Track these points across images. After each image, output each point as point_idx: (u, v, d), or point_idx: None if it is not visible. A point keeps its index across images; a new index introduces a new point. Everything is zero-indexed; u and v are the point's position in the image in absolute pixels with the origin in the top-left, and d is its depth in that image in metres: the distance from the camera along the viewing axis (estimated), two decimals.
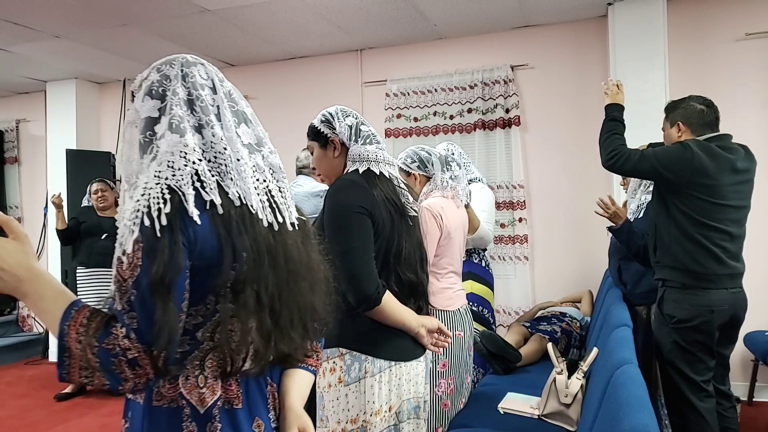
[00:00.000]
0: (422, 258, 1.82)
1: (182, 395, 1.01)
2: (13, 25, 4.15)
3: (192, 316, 1.00)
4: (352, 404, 1.68)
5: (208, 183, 1.01)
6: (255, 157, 1.10)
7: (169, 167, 0.99)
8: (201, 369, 1.02)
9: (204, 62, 1.13)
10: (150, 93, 1.06)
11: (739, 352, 2.71)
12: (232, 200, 1.03)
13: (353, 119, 1.79)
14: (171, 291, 0.93)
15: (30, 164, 6.29)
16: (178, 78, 1.07)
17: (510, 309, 4.56)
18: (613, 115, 2.70)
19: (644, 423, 1.21)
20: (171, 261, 0.93)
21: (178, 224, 0.95)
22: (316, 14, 4.12)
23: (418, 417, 1.79)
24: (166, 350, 0.93)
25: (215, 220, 1.00)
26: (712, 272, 2.38)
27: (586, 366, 2.34)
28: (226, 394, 1.04)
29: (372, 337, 1.69)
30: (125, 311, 0.93)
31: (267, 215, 1.07)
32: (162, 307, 0.92)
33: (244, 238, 1.02)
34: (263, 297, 1.04)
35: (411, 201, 1.80)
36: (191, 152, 1.01)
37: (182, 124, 1.03)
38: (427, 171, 2.44)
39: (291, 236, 1.12)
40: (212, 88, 1.09)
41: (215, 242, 0.99)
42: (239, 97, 1.14)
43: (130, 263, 0.93)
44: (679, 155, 2.39)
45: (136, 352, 0.92)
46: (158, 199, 0.95)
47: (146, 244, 0.93)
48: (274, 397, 1.13)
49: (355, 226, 1.63)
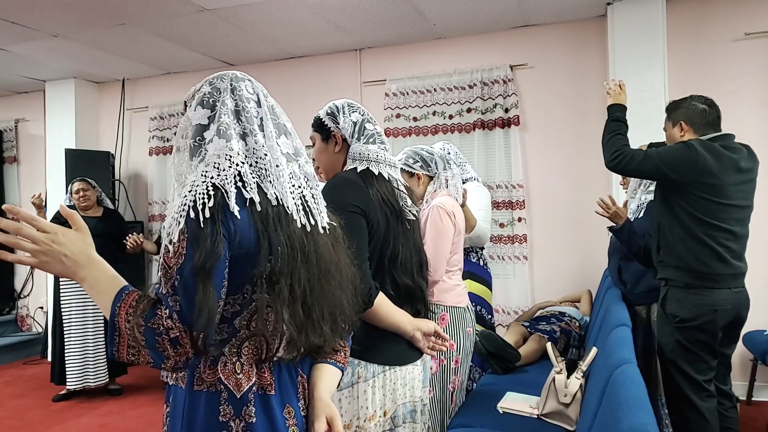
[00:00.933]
0: (421, 263, 1.78)
1: (221, 380, 1.10)
2: (11, 24, 4.14)
3: (230, 304, 1.10)
4: (345, 410, 1.64)
5: (249, 183, 1.11)
6: (292, 165, 1.21)
7: (215, 168, 1.10)
8: (238, 356, 1.11)
9: (251, 79, 1.25)
10: (202, 103, 1.18)
11: (738, 351, 2.71)
12: (270, 200, 1.13)
13: (359, 116, 1.75)
14: (211, 277, 1.02)
15: (29, 164, 6.29)
16: (227, 91, 1.19)
17: (509, 309, 4.56)
18: (616, 115, 2.69)
19: (643, 423, 1.20)
20: (212, 249, 1.02)
21: (220, 217, 1.05)
22: (315, 14, 4.12)
23: (414, 421, 1.76)
24: (205, 331, 1.03)
25: (254, 216, 1.09)
26: (716, 272, 2.38)
27: (586, 365, 2.34)
28: (261, 380, 1.12)
29: (365, 342, 1.62)
30: (169, 295, 1.03)
31: (301, 217, 1.17)
32: (202, 291, 1.01)
33: (280, 234, 1.11)
34: (296, 290, 1.12)
35: (410, 204, 1.75)
36: (235, 155, 1.12)
37: (229, 131, 1.14)
38: (430, 170, 2.42)
39: (322, 238, 1.21)
40: (257, 101, 1.21)
41: (253, 235, 1.08)
42: (281, 112, 1.25)
43: (176, 252, 1.04)
44: (683, 155, 2.38)
45: (178, 332, 1.02)
46: (203, 194, 1.06)
47: (191, 234, 1.04)
48: (304, 387, 1.21)
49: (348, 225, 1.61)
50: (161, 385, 4.53)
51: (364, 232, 1.62)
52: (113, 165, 5.63)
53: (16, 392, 4.63)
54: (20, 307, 6.27)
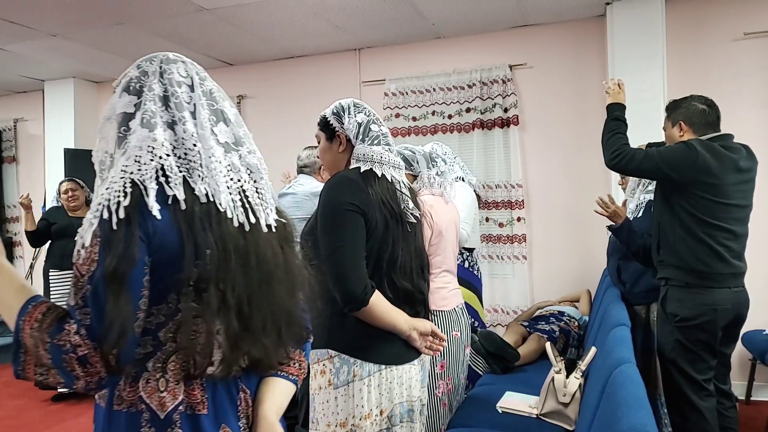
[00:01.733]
0: (422, 266, 1.77)
1: (142, 399, 0.98)
2: (10, 24, 4.13)
3: (154, 315, 0.98)
4: (341, 408, 1.65)
5: (173, 178, 0.99)
6: (231, 156, 1.08)
7: (135, 162, 0.98)
8: (163, 371, 0.99)
9: (186, 60, 1.12)
10: (127, 89, 1.07)
11: (737, 351, 2.71)
12: (198, 196, 1.00)
13: (365, 116, 1.74)
14: (124, 285, 0.91)
15: (28, 163, 6.28)
16: (156, 74, 1.07)
17: (508, 308, 4.56)
18: (615, 114, 2.69)
19: (642, 422, 1.20)
20: (125, 253, 0.91)
21: (137, 218, 0.94)
22: (314, 13, 4.12)
23: (412, 420, 1.76)
24: (118, 347, 0.91)
25: (177, 215, 0.97)
26: (716, 271, 2.38)
27: (585, 365, 2.34)
28: (189, 399, 1.00)
29: (361, 340, 1.65)
30: (79, 307, 0.92)
31: (238, 215, 1.04)
32: (113, 302, 0.90)
33: (208, 234, 0.99)
34: (229, 298, 1.00)
35: (411, 207, 1.74)
36: (159, 147, 1.00)
37: (153, 119, 1.02)
38: (412, 169, 2.41)
39: (265, 238, 1.08)
40: (190, 86, 1.08)
41: (176, 237, 0.96)
42: (222, 98, 1.13)
43: (88, 257, 0.92)
44: (683, 155, 2.39)
45: (87, 349, 0.90)
46: (119, 192, 0.95)
47: (103, 237, 0.92)
48: (247, 404, 1.09)
49: (346, 224, 1.60)
50: None
51: (362, 231, 1.61)
52: None
53: (15, 392, 4.62)
54: None
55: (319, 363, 1.69)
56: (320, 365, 1.69)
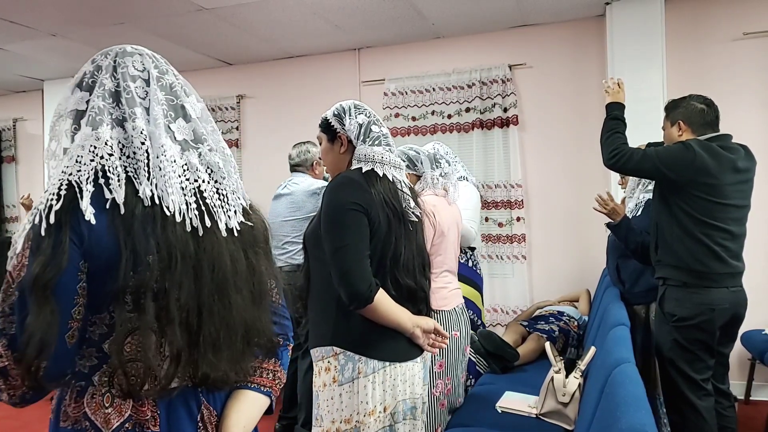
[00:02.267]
0: (423, 264, 1.79)
1: (86, 415, 0.93)
2: (9, 23, 4.13)
3: (96, 324, 0.93)
4: (345, 404, 1.67)
5: (114, 180, 0.93)
6: (189, 154, 1.00)
7: (76, 162, 0.93)
8: (109, 386, 0.93)
9: (145, 52, 1.06)
10: (80, 84, 1.02)
11: (736, 350, 2.71)
12: (142, 199, 0.93)
13: (365, 118, 1.76)
14: (48, 293, 0.85)
15: (27, 163, 6.27)
16: (109, 69, 1.01)
17: (508, 308, 4.56)
18: (615, 113, 2.69)
19: (641, 422, 1.20)
20: (52, 260, 0.86)
21: (68, 222, 0.88)
22: (314, 13, 4.12)
23: (414, 418, 1.78)
24: (39, 361, 0.85)
25: (115, 220, 0.91)
26: (713, 271, 2.38)
27: (584, 365, 2.34)
28: (138, 415, 0.94)
29: (365, 338, 1.67)
30: (4, 315, 0.87)
31: (192, 217, 0.97)
32: (37, 311, 0.84)
33: (150, 241, 0.92)
34: (173, 309, 0.92)
35: (413, 206, 1.76)
36: (102, 146, 0.94)
37: (99, 116, 0.96)
38: (416, 170, 2.44)
39: (223, 243, 1.00)
40: (146, 80, 1.02)
41: (113, 243, 0.90)
42: (186, 93, 1.06)
43: (19, 263, 0.88)
44: (681, 155, 2.39)
45: (6, 361, 0.85)
46: (53, 195, 0.90)
47: (33, 242, 0.88)
48: (209, 421, 1.02)
49: (349, 223, 1.62)
50: None
51: (365, 230, 1.64)
52: None
53: None
54: None
55: (324, 360, 1.71)
56: (325, 362, 1.71)
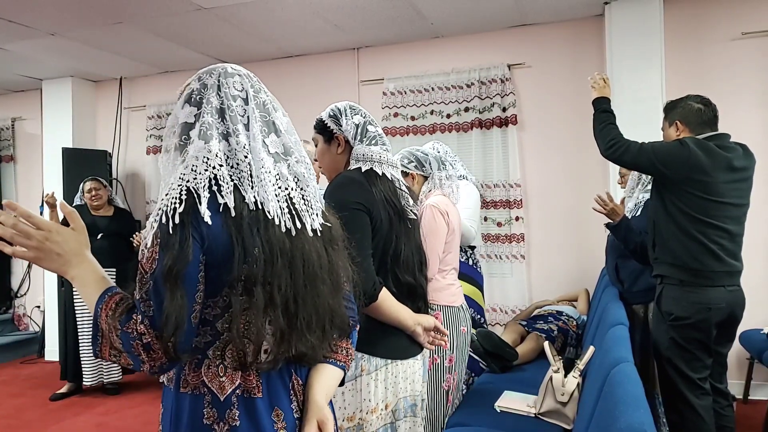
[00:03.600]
0: (421, 261, 1.81)
1: (204, 383, 1.10)
2: (8, 22, 4.13)
3: (210, 307, 1.09)
4: (348, 402, 1.68)
5: (225, 187, 1.08)
6: (280, 165, 1.16)
7: (192, 171, 1.08)
8: (222, 359, 1.10)
9: (242, 73, 1.20)
10: (189, 100, 1.16)
11: (734, 350, 2.72)
12: (248, 203, 1.09)
13: (361, 118, 1.77)
14: (179, 281, 1.01)
15: (26, 163, 6.27)
16: (214, 88, 1.16)
17: (507, 308, 4.56)
18: (603, 107, 2.74)
19: (640, 421, 1.21)
20: (180, 254, 1.01)
21: (190, 222, 1.04)
22: (313, 13, 4.12)
23: (414, 415, 1.79)
24: (175, 337, 1.02)
25: (228, 221, 1.07)
26: (709, 269, 2.39)
27: (583, 364, 2.35)
28: (245, 383, 1.11)
29: (368, 335, 1.67)
30: (143, 300, 1.04)
31: (285, 221, 1.13)
32: (170, 297, 1.01)
33: (256, 239, 1.08)
34: (276, 296, 1.09)
35: (411, 204, 1.79)
36: (213, 158, 1.10)
37: (210, 131, 1.11)
38: (424, 170, 2.47)
39: (310, 241, 1.16)
40: (245, 99, 1.16)
41: (226, 241, 1.06)
42: (274, 108, 1.21)
43: (150, 256, 1.04)
44: (676, 152, 2.41)
45: (150, 338, 1.02)
46: (176, 199, 1.05)
47: (162, 239, 1.03)
48: (299, 390, 1.19)
49: (351, 222, 1.62)
50: (159, 384, 4.52)
51: (368, 228, 1.65)
52: (110, 164, 5.62)
53: (14, 391, 4.62)
54: (17, 307, 6.25)
55: None
56: None
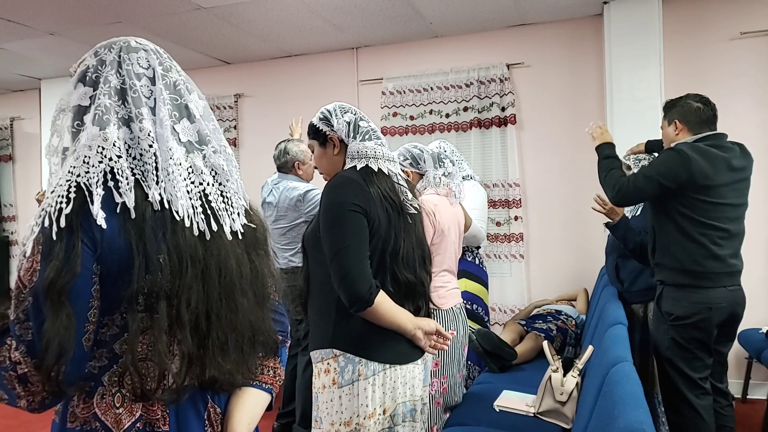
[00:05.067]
0: (423, 257, 1.78)
1: (96, 416, 0.92)
2: (6, 22, 4.12)
3: (107, 326, 0.92)
4: (345, 407, 1.65)
5: (123, 183, 0.90)
6: (193, 156, 0.99)
7: (84, 163, 0.90)
8: (119, 386, 0.92)
9: (149, 47, 1.03)
10: (83, 79, 0.99)
11: (733, 349, 2.72)
12: (151, 203, 0.92)
13: (352, 115, 1.76)
14: (64, 298, 0.84)
15: (24, 162, 6.26)
16: (114, 64, 0.98)
17: (505, 307, 4.56)
18: (605, 153, 2.73)
19: (639, 421, 1.20)
20: (65, 265, 0.84)
21: (80, 225, 0.87)
22: (312, 12, 4.11)
23: (414, 420, 1.77)
24: (58, 365, 0.84)
25: (126, 223, 0.89)
26: (711, 271, 2.38)
27: (582, 364, 2.35)
28: (148, 415, 0.94)
29: (366, 340, 1.66)
30: (19, 321, 0.85)
31: (198, 222, 0.96)
32: (53, 317, 0.83)
33: (161, 245, 0.91)
34: (183, 313, 0.92)
35: (411, 198, 1.76)
36: (110, 147, 0.92)
37: (106, 115, 0.94)
38: (419, 168, 2.43)
39: (229, 247, 1.00)
40: (151, 78, 0.99)
41: (125, 247, 0.89)
42: (188, 90, 1.03)
43: (30, 267, 0.86)
44: (676, 164, 2.38)
45: (26, 367, 0.84)
46: (62, 198, 0.87)
47: (44, 246, 0.86)
48: (215, 420, 1.03)
49: (349, 225, 1.60)
50: None
51: (365, 231, 1.62)
52: None
53: None
54: None
55: (324, 362, 1.69)
56: (324, 364, 1.69)
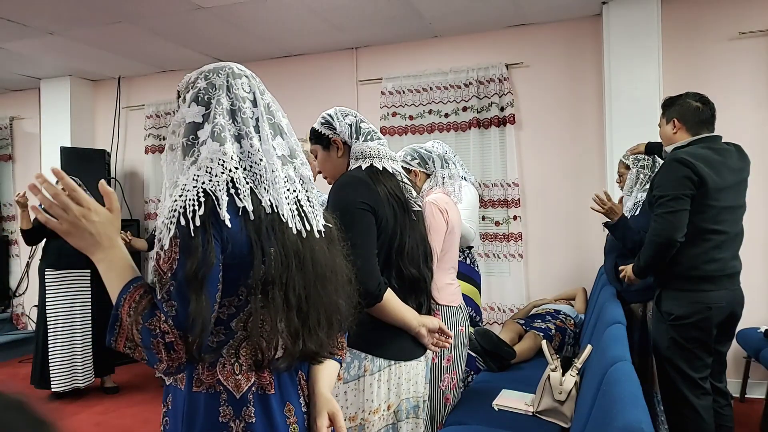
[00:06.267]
0: (426, 253, 1.80)
1: (220, 381, 1.10)
2: (5, 21, 4.12)
3: (226, 306, 1.09)
4: (350, 402, 1.68)
5: (242, 190, 1.09)
6: (287, 168, 1.18)
7: (207, 172, 1.08)
8: (236, 357, 1.11)
9: (248, 74, 1.20)
10: (196, 99, 1.15)
11: (732, 349, 2.72)
12: (264, 207, 1.10)
13: (352, 118, 1.79)
14: (203, 285, 1.02)
15: (24, 162, 6.26)
16: (224, 88, 1.15)
17: (504, 306, 4.57)
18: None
19: (638, 420, 1.21)
20: (204, 258, 1.02)
21: (211, 225, 1.04)
22: (311, 12, 4.12)
23: (417, 416, 1.79)
24: (200, 338, 1.02)
25: (247, 224, 1.08)
26: (711, 274, 2.39)
27: (580, 363, 2.35)
28: (260, 380, 1.12)
29: (372, 336, 1.68)
30: (165, 300, 1.02)
31: (296, 223, 1.15)
32: (196, 299, 1.01)
33: (273, 242, 1.09)
34: (291, 298, 1.11)
35: (415, 196, 1.79)
36: (229, 160, 1.09)
37: (223, 133, 1.11)
38: (427, 168, 2.46)
39: (318, 242, 1.19)
40: (253, 101, 1.17)
41: (246, 244, 1.07)
42: (277, 110, 1.21)
43: (168, 258, 1.03)
44: (681, 174, 2.35)
45: (173, 337, 1.01)
46: (194, 201, 1.04)
47: (182, 241, 1.02)
48: (303, 385, 1.23)
49: (357, 223, 1.62)
50: (158, 384, 4.52)
51: (373, 228, 1.65)
52: (109, 163, 5.61)
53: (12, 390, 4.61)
54: (15, 306, 6.24)
55: None
56: None
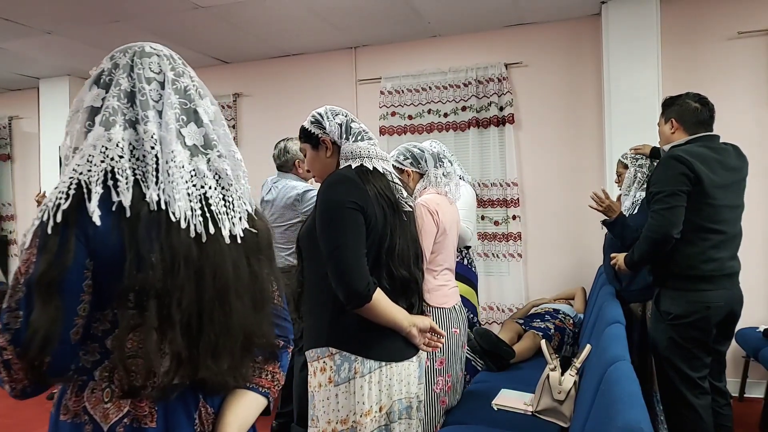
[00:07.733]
0: (417, 254, 1.79)
1: (86, 409, 0.95)
2: (4, 21, 4.11)
3: (99, 321, 0.94)
4: (342, 404, 1.66)
5: (123, 182, 0.93)
6: (198, 160, 1.01)
7: (88, 162, 0.94)
8: (109, 381, 0.95)
9: (163, 53, 1.05)
10: (97, 81, 1.03)
11: (731, 348, 2.72)
12: (148, 203, 0.94)
13: (343, 117, 1.77)
14: (53, 291, 0.86)
15: (23, 161, 6.25)
16: (126, 68, 1.01)
17: (503, 306, 4.57)
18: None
19: (637, 419, 1.21)
20: (56, 259, 0.87)
21: (76, 221, 0.90)
22: (310, 11, 4.11)
23: (410, 417, 1.78)
24: (42, 356, 0.86)
25: (121, 222, 0.92)
26: (709, 274, 2.39)
27: (579, 363, 2.35)
28: (135, 411, 0.95)
29: (362, 337, 1.67)
30: (10, 310, 0.87)
31: (196, 224, 0.97)
32: (41, 309, 0.86)
33: (154, 244, 0.92)
34: (174, 313, 0.93)
35: (405, 196, 1.78)
36: (113, 148, 0.95)
37: (113, 117, 0.97)
38: (420, 167, 2.43)
39: (226, 250, 1.00)
40: (161, 82, 1.01)
41: (117, 244, 0.91)
42: (200, 95, 1.05)
43: (27, 259, 0.89)
44: (677, 170, 2.36)
45: (10, 355, 0.86)
46: (62, 194, 0.91)
47: (40, 240, 0.89)
48: (206, 420, 1.03)
49: (346, 222, 1.61)
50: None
51: (362, 228, 1.63)
52: None
53: None
54: None
55: (319, 360, 1.70)
56: (320, 362, 1.70)
